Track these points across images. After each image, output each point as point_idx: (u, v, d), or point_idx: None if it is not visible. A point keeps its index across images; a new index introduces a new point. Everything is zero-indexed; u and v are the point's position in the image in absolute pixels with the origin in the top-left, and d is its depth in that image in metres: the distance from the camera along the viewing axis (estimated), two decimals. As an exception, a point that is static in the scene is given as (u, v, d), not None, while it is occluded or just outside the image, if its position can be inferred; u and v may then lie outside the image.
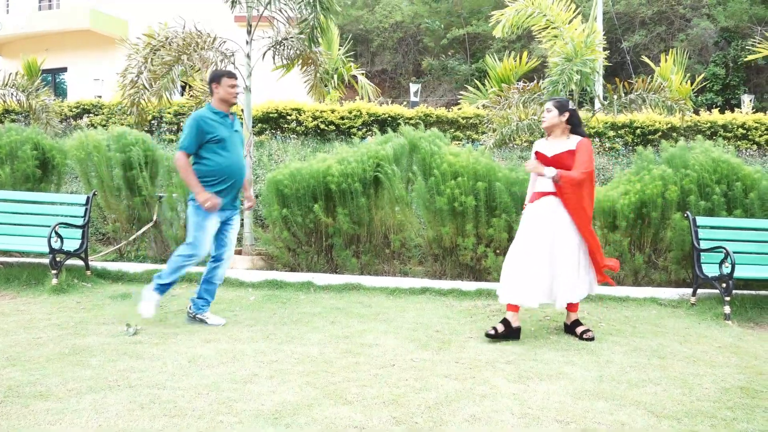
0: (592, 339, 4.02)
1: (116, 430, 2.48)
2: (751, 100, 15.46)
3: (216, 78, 4.20)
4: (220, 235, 4.28)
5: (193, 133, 4.04)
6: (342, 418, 2.65)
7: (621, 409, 2.84)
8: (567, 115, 4.07)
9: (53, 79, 20.00)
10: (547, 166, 4.02)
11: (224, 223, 4.28)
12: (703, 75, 6.84)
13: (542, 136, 4.51)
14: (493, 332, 3.95)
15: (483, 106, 7.04)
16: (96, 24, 18.49)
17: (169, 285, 4.24)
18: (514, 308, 4.01)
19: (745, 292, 5.43)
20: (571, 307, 4.15)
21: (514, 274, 3.97)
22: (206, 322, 4.22)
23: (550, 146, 4.11)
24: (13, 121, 10.22)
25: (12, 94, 8.15)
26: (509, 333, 3.97)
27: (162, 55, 6.25)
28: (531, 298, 3.93)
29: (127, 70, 6.51)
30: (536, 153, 4.16)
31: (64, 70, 19.88)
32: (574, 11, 6.20)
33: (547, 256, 3.96)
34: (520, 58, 6.98)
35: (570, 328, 4.19)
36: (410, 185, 6.32)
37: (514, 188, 5.86)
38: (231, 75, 4.21)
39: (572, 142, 4.05)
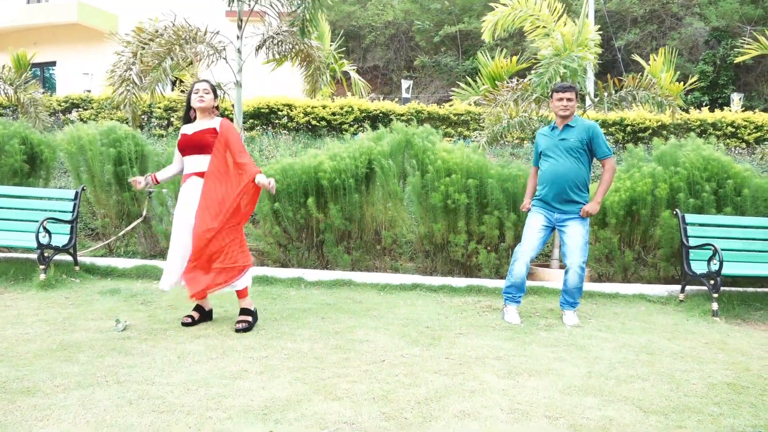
0: (185, 324, 4.05)
1: (104, 425, 2.47)
2: (740, 99, 15.57)
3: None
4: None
5: None
6: (332, 413, 2.65)
7: (609, 404, 2.86)
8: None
9: (42, 73, 19.81)
10: None
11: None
12: (696, 77, 6.87)
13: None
14: None
15: (475, 103, 7.05)
16: (84, 18, 18.32)
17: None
18: None
19: (732, 289, 5.48)
20: None
21: None
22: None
23: None
24: (0, 115, 10.12)
25: (0, 87, 8.06)
26: None
27: (153, 47, 6.20)
28: None
29: (116, 66, 6.45)
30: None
31: (53, 64, 19.70)
32: (562, 10, 6.21)
33: None
34: (512, 57, 6.99)
35: None
36: (402, 181, 6.33)
37: (506, 185, 5.88)
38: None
39: None
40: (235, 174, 3.95)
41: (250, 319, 4.02)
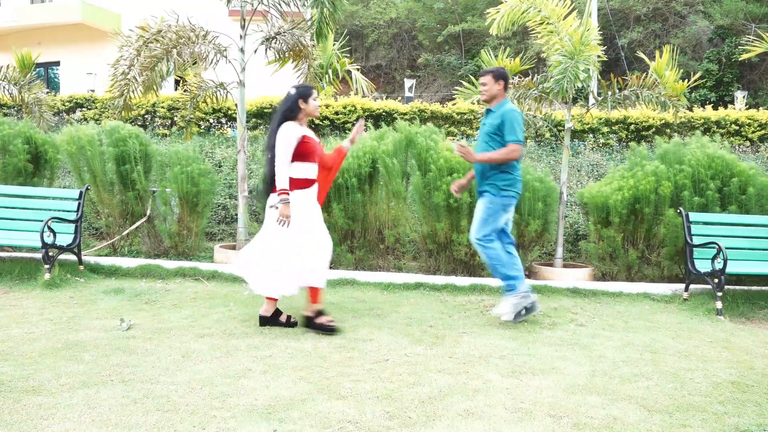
0: (333, 330, 3.96)
1: (109, 424, 2.48)
2: (744, 97, 15.52)
3: None
4: None
5: None
6: (335, 412, 2.66)
7: (613, 403, 2.86)
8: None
9: (46, 73, 19.86)
10: None
11: None
12: (699, 74, 6.84)
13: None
14: None
15: (478, 102, 7.03)
16: (88, 17, 18.35)
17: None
18: None
19: (737, 287, 5.47)
20: None
21: None
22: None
23: None
24: (5, 115, 10.15)
25: (4, 87, 8.08)
26: None
27: (153, 48, 6.20)
28: None
29: (118, 61, 6.45)
30: None
31: (57, 63, 19.74)
32: (569, 7, 6.20)
33: None
34: (516, 56, 6.97)
35: None
36: (405, 180, 6.32)
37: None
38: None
39: None
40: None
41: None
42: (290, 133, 3.82)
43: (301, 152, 3.86)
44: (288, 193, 3.78)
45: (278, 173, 3.79)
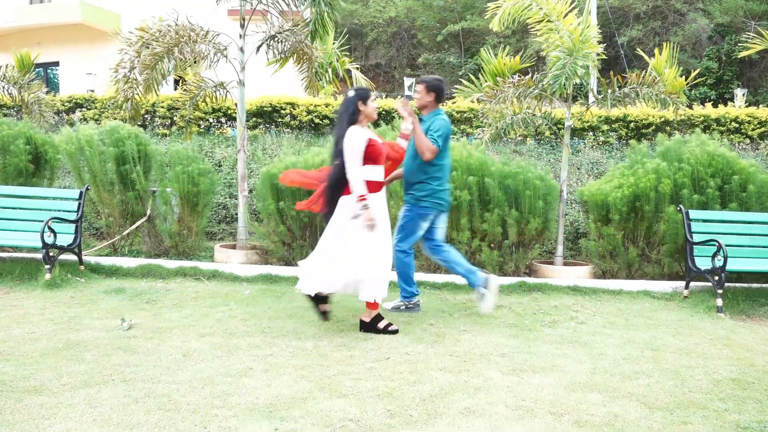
0: (396, 332, 3.96)
1: (111, 424, 2.48)
2: (743, 94, 15.51)
3: None
4: None
5: None
6: (337, 411, 2.66)
7: (614, 400, 2.86)
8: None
9: (45, 73, 19.85)
10: None
11: None
12: (698, 71, 6.82)
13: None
14: None
15: (477, 100, 7.03)
16: (88, 17, 18.33)
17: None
18: None
19: (737, 284, 5.47)
20: None
21: None
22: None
23: None
24: (5, 115, 10.15)
25: (4, 87, 8.07)
26: None
27: (154, 47, 6.20)
28: None
29: (119, 65, 6.46)
30: None
31: (56, 64, 19.72)
32: (570, 4, 6.19)
33: None
34: (515, 54, 6.97)
35: None
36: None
37: (507, 182, 5.87)
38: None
39: None
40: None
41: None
42: (357, 138, 3.80)
43: (368, 156, 3.84)
44: (365, 198, 3.77)
45: (353, 179, 3.78)
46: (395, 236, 4.46)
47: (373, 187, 3.87)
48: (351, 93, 3.94)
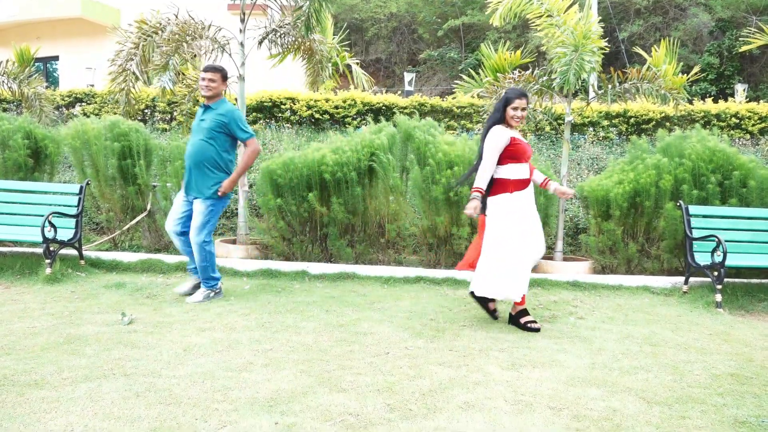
0: (537, 330, 3.99)
1: (112, 417, 2.49)
2: (744, 90, 15.47)
3: None
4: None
5: None
6: (337, 405, 2.67)
7: (613, 395, 2.87)
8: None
9: (45, 68, 19.81)
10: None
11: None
12: (699, 66, 6.81)
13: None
14: None
15: (478, 95, 7.02)
16: (88, 12, 18.29)
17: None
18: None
19: (736, 280, 5.48)
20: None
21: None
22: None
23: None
24: (4, 110, 10.14)
25: (3, 82, 8.06)
26: None
27: (160, 44, 6.18)
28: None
29: (117, 56, 6.44)
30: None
31: (56, 58, 19.68)
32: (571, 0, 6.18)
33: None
34: (516, 49, 6.96)
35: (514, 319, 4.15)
36: (404, 174, 6.33)
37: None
38: (203, 70, 4.56)
39: None
40: None
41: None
42: (498, 136, 3.87)
43: (513, 154, 3.90)
44: (481, 192, 3.85)
45: (480, 172, 3.88)
46: (196, 234, 4.53)
47: (518, 185, 3.92)
48: (503, 93, 4.09)
